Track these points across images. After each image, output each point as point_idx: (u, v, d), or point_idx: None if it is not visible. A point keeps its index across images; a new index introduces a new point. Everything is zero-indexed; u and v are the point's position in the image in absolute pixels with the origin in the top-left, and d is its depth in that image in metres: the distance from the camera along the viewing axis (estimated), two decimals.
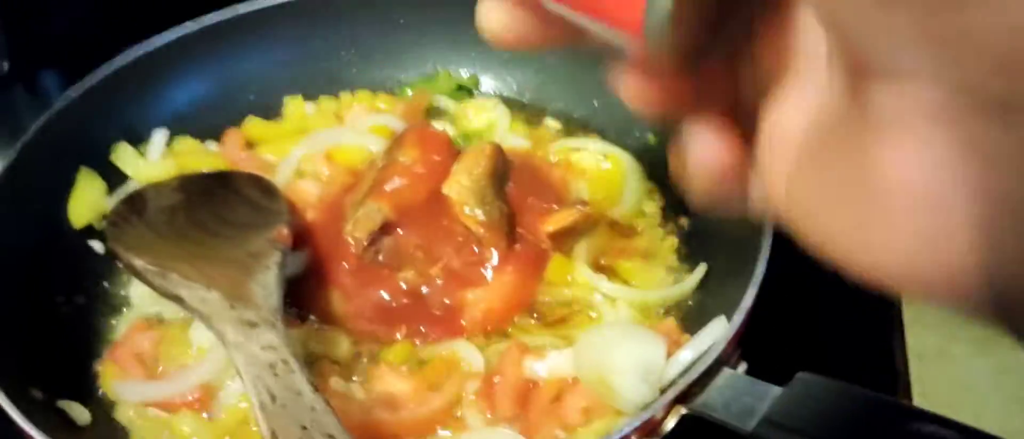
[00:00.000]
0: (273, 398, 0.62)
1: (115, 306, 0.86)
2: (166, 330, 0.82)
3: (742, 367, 0.68)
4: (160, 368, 0.79)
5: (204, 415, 0.76)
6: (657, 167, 0.95)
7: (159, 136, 0.96)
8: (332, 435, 0.59)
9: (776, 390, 0.61)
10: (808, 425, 0.58)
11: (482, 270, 0.84)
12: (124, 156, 0.94)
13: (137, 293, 0.86)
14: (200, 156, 0.96)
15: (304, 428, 0.59)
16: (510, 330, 0.82)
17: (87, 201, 0.90)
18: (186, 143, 0.97)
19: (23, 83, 1.26)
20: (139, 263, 0.79)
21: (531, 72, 1.04)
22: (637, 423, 0.62)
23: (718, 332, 0.72)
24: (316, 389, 0.63)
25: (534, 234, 0.86)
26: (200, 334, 0.80)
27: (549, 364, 0.76)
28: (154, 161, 0.95)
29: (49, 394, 0.74)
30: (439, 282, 0.84)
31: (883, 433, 0.57)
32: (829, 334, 0.83)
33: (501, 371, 0.76)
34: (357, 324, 0.82)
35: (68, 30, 1.31)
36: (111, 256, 0.85)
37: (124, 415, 0.77)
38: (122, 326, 0.83)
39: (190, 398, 0.76)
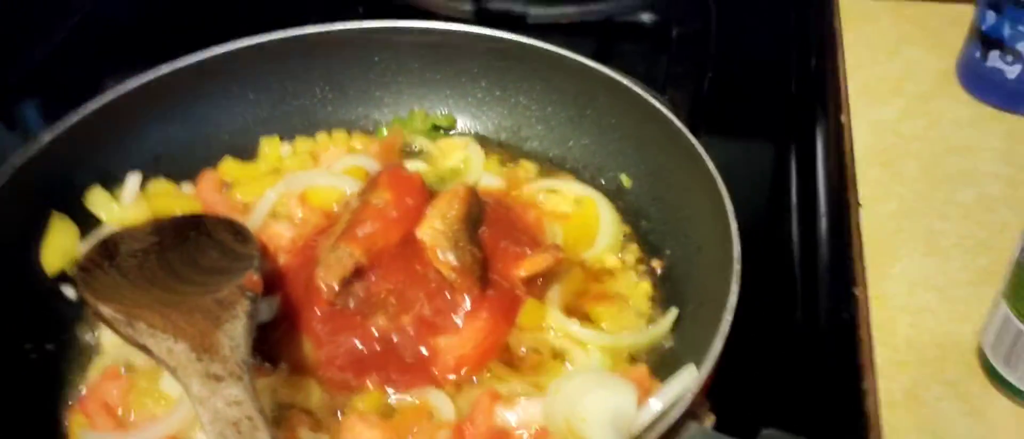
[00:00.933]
0: None
1: (86, 353, 0.85)
2: (136, 379, 0.81)
3: (710, 420, 0.68)
4: (129, 418, 0.79)
5: None
6: (631, 209, 0.95)
7: (133, 180, 0.96)
8: None
9: None
10: None
11: (454, 317, 0.84)
12: (97, 201, 0.93)
13: (108, 340, 0.85)
14: (174, 199, 0.96)
15: None
16: (482, 377, 0.81)
17: (60, 247, 0.90)
18: (160, 185, 0.97)
19: (1, 117, 1.26)
20: (107, 311, 0.79)
21: (506, 112, 1.05)
22: None
23: (687, 381, 0.72)
24: None
25: (507, 279, 0.86)
26: (170, 384, 0.80)
27: (520, 413, 0.76)
28: (127, 205, 0.94)
29: None
30: (411, 331, 0.83)
31: None
32: (800, 383, 0.83)
33: (472, 420, 0.76)
34: (328, 372, 0.82)
35: (46, 64, 1.31)
36: (81, 302, 0.85)
37: None
38: (92, 374, 0.83)
39: None
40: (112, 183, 0.96)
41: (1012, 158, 1.05)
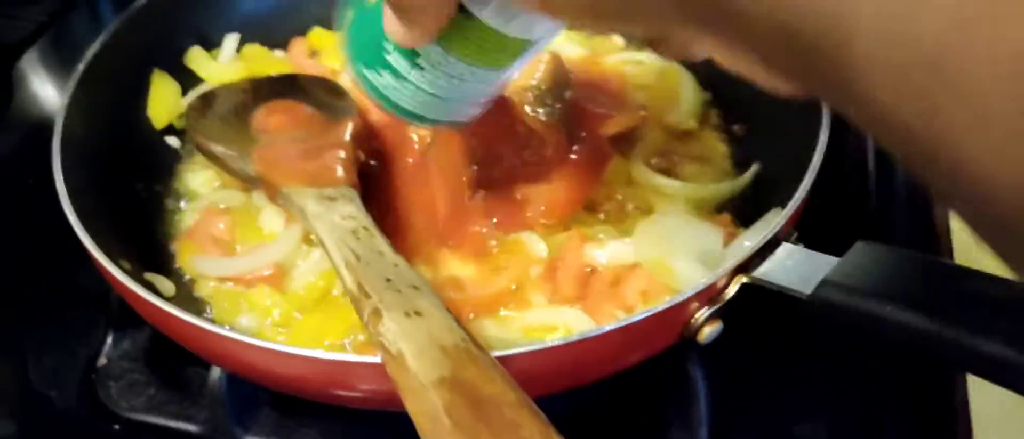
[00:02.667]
0: (357, 257, 0.65)
1: (191, 196, 0.90)
2: (238, 216, 0.85)
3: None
4: (235, 248, 0.83)
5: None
6: (712, 77, 0.97)
7: (230, 40, 1.00)
8: (415, 286, 0.62)
9: (834, 259, 0.64)
10: (865, 286, 0.60)
11: (543, 169, 0.87)
12: (197, 59, 0.97)
13: (209, 185, 0.89)
14: (268, 61, 1.00)
15: (388, 280, 0.62)
16: (570, 224, 0.84)
17: (163, 101, 0.94)
18: (254, 49, 1.01)
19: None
20: (219, 149, 0.83)
21: None
22: (699, 288, 0.65)
23: (774, 221, 0.74)
24: (396, 251, 0.67)
25: (594, 137, 0.89)
26: (269, 221, 0.84)
27: (609, 251, 0.79)
28: (225, 64, 0.98)
29: (136, 267, 0.78)
30: (501, 181, 0.86)
31: (941, 293, 0.59)
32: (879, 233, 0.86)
33: (562, 257, 0.79)
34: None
35: None
36: (192, 145, 0.89)
37: (204, 290, 0.81)
38: (196, 214, 0.87)
39: (266, 273, 0.79)
40: (209, 46, 1.00)
41: None
